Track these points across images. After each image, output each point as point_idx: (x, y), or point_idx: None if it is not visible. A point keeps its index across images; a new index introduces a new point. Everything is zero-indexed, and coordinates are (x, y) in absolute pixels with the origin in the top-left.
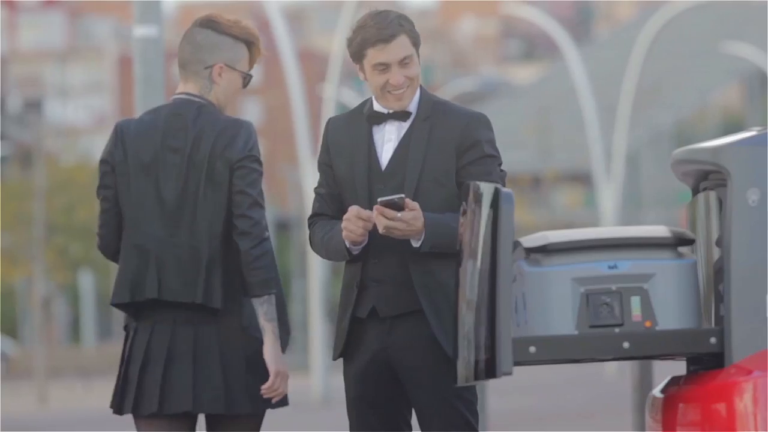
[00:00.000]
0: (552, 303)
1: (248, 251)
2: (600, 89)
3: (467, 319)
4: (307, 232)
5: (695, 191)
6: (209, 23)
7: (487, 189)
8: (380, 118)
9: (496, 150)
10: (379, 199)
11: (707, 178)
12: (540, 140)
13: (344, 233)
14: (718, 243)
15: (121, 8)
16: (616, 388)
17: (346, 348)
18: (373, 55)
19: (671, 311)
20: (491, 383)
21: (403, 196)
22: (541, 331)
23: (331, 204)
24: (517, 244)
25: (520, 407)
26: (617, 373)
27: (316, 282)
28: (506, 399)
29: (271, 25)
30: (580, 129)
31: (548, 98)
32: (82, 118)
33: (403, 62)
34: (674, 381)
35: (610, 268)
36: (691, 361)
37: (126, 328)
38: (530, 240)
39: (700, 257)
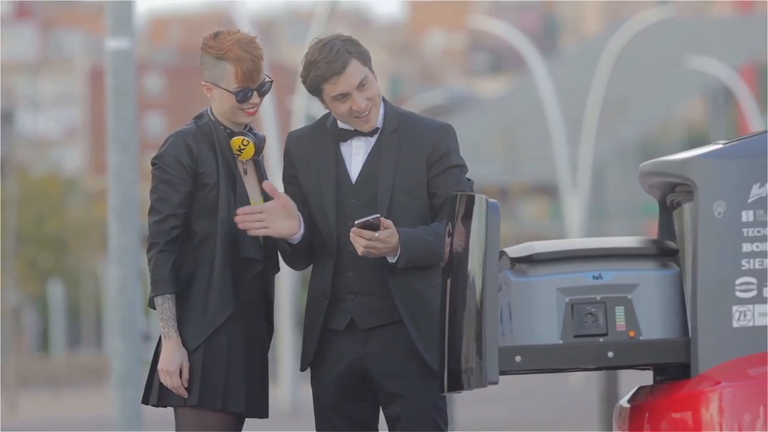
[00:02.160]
0: (537, 312)
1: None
2: (566, 102)
3: (453, 328)
4: None
5: (662, 203)
6: (202, 42)
7: (471, 200)
8: (347, 135)
9: (462, 159)
10: (355, 222)
11: (674, 190)
12: (507, 152)
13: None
14: None
15: (93, 21)
16: (582, 398)
17: (315, 358)
18: (330, 89)
19: (655, 321)
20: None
21: (378, 216)
22: (526, 340)
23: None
24: (502, 254)
25: (487, 417)
26: (583, 383)
27: (284, 292)
28: (472, 409)
29: None
30: (547, 141)
31: (515, 111)
32: (53, 129)
33: (361, 86)
34: (641, 391)
35: (595, 278)
36: (658, 371)
37: None
38: (516, 250)
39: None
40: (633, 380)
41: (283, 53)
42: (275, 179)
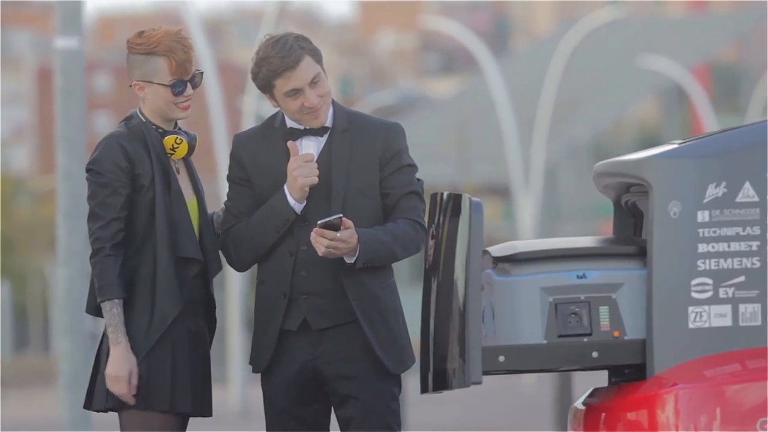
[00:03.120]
0: (521, 312)
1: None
2: (518, 103)
3: (436, 328)
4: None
5: (617, 204)
6: (126, 44)
7: (456, 199)
8: (297, 134)
9: (412, 159)
10: (318, 222)
11: (629, 190)
12: (459, 153)
13: (300, 180)
14: None
15: (41, 20)
16: (536, 400)
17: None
18: (283, 84)
19: (639, 321)
20: (409, 395)
21: (341, 216)
22: (510, 340)
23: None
24: (485, 253)
25: (440, 419)
26: (536, 385)
27: (233, 293)
28: (425, 410)
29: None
30: (499, 142)
31: (467, 111)
32: (1, 129)
33: (313, 82)
34: (596, 392)
35: (579, 277)
36: (612, 373)
37: None
38: (499, 249)
39: None
40: (587, 382)
41: (233, 53)
42: (224, 180)
